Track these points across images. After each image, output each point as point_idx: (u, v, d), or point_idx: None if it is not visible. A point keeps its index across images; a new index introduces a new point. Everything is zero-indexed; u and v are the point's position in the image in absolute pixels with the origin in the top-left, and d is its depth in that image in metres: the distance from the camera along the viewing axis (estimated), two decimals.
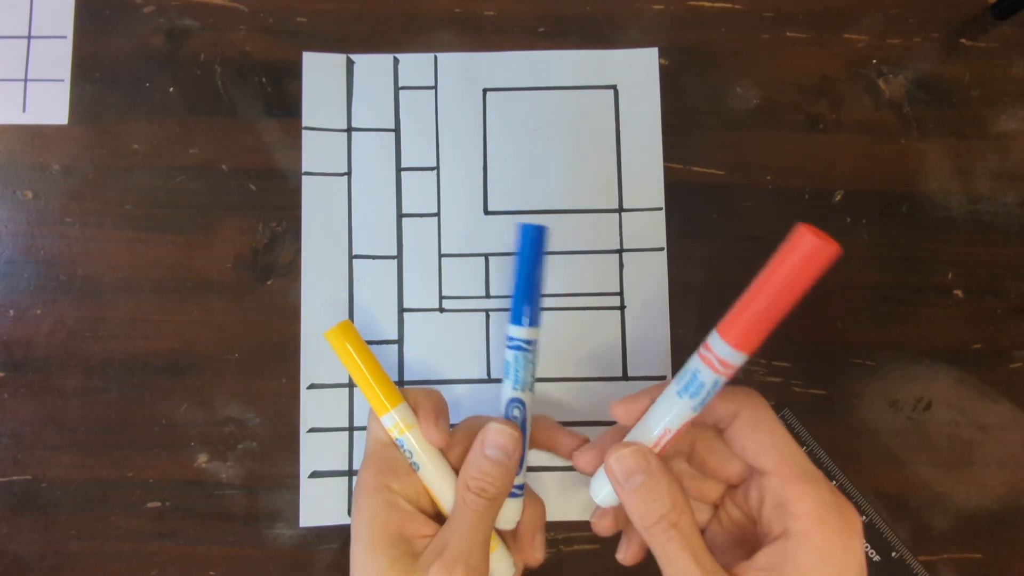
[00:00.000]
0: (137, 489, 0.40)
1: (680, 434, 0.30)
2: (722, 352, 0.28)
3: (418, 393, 0.35)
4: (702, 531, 0.31)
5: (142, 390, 0.40)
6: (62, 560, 0.39)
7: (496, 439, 0.32)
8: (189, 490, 0.40)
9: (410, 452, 0.33)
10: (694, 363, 0.29)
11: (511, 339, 0.33)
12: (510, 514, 0.34)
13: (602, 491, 0.32)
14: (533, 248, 0.33)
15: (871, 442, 0.40)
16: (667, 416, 0.30)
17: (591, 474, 0.33)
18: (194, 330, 0.41)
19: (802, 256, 0.25)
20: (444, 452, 0.34)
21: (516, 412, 0.33)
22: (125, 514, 0.40)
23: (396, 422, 0.33)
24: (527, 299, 0.33)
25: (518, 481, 0.33)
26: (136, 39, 0.42)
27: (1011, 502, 0.40)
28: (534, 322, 0.33)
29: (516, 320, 0.33)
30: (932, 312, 0.41)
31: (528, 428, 0.34)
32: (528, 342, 0.33)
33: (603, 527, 0.35)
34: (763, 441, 0.29)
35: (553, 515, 0.40)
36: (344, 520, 0.39)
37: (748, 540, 0.31)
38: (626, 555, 0.35)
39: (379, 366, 0.34)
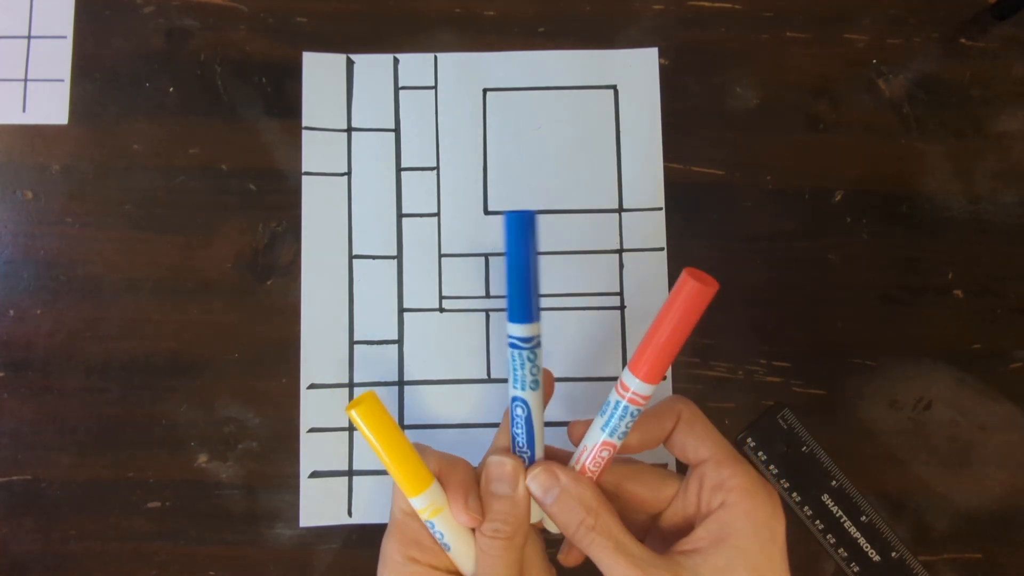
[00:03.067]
0: (137, 489, 0.40)
1: (599, 459, 0.32)
2: (634, 385, 0.30)
3: (444, 465, 0.33)
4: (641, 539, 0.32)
5: (142, 390, 0.40)
6: (62, 560, 0.39)
7: (495, 472, 0.32)
8: (189, 490, 0.40)
9: (441, 534, 0.32)
10: (611, 396, 0.31)
11: (509, 337, 0.32)
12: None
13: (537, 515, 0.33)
14: (521, 237, 0.29)
15: (871, 442, 0.40)
16: (588, 436, 0.32)
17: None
18: (194, 330, 0.41)
19: (686, 298, 0.29)
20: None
21: (520, 411, 0.32)
22: (125, 514, 0.40)
23: (426, 505, 0.31)
24: (519, 294, 0.30)
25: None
26: (136, 39, 0.42)
27: (1011, 502, 0.40)
28: (528, 318, 0.30)
29: (511, 317, 0.31)
30: (932, 312, 0.41)
31: (535, 427, 0.33)
32: (523, 339, 0.31)
33: (571, 559, 0.35)
34: (699, 434, 0.32)
35: None
36: (344, 520, 0.39)
37: (686, 532, 0.32)
38: (567, 557, 0.35)
39: (407, 444, 0.31)
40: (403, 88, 0.42)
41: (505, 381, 0.40)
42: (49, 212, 0.41)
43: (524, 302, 0.30)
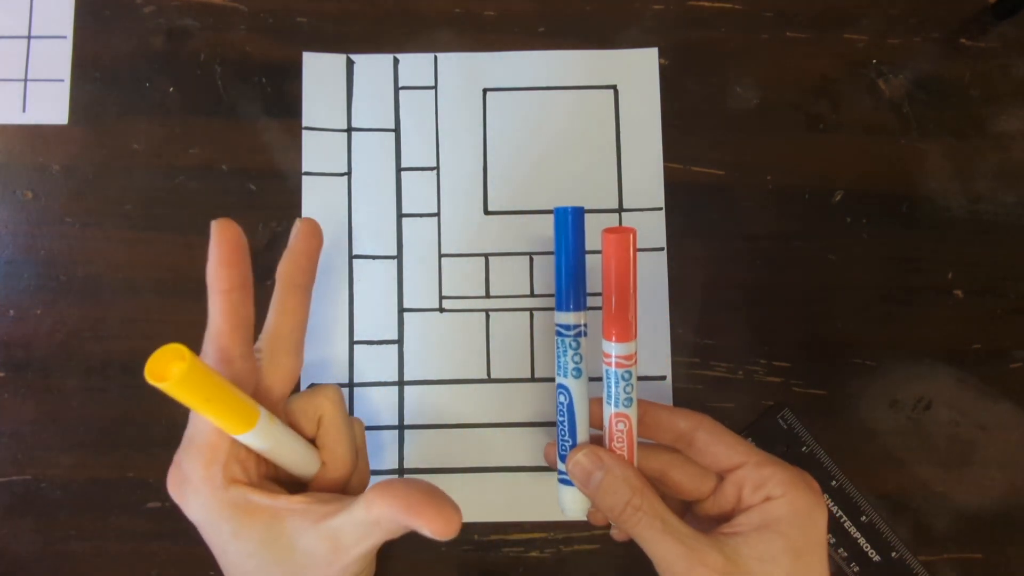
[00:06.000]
0: (137, 489, 0.40)
1: (621, 433, 0.33)
2: (613, 350, 0.32)
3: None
4: None
5: (142, 390, 0.40)
6: (62, 560, 0.39)
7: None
8: None
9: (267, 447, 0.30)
10: (604, 372, 0.33)
11: (557, 326, 0.34)
12: (569, 502, 0.35)
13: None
14: (570, 230, 0.33)
15: (871, 442, 0.40)
16: (605, 421, 0.33)
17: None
18: (194, 330, 0.40)
19: (613, 250, 0.32)
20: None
21: (562, 398, 0.34)
22: (125, 514, 0.40)
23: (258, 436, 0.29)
24: (565, 282, 0.33)
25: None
26: (136, 39, 0.42)
27: (1011, 502, 0.40)
28: (572, 306, 0.33)
29: (558, 306, 0.34)
30: (932, 312, 0.41)
31: (578, 415, 0.34)
32: (567, 326, 0.33)
33: (598, 519, 0.36)
34: (729, 442, 0.33)
35: (553, 515, 0.40)
36: None
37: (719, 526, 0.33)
38: (620, 532, 0.36)
39: (222, 384, 0.28)
40: (403, 88, 0.42)
41: (505, 381, 0.40)
42: (49, 212, 0.41)
43: (569, 290, 0.33)
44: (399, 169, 0.42)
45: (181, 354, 0.26)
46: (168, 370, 0.26)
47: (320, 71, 0.42)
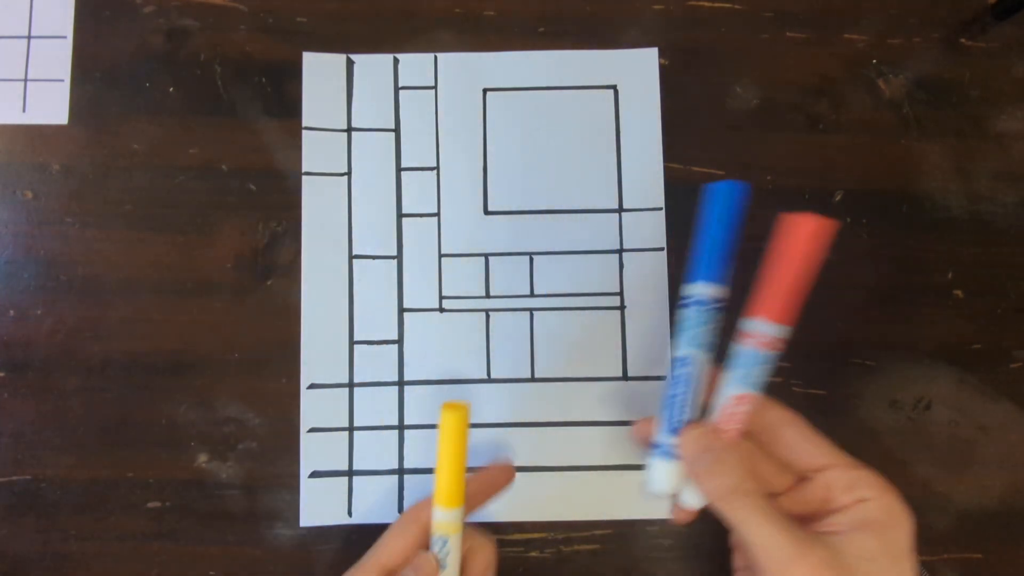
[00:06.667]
0: (137, 489, 0.40)
1: (738, 415, 0.32)
2: (764, 330, 0.32)
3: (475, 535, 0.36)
4: None
5: (142, 390, 0.40)
6: (62, 560, 0.39)
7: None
8: (189, 490, 0.40)
9: (448, 551, 0.34)
10: (738, 349, 0.32)
11: (688, 297, 0.33)
12: (664, 477, 0.34)
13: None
14: (729, 205, 0.33)
15: (871, 442, 0.40)
16: (718, 397, 0.33)
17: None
18: (194, 330, 0.41)
19: (806, 235, 0.31)
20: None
21: (683, 370, 0.33)
22: (125, 514, 0.40)
23: (450, 522, 0.34)
24: (716, 252, 0.33)
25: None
26: (136, 39, 0.42)
27: (1011, 502, 0.40)
28: (721, 279, 0.33)
29: (700, 276, 0.33)
30: (932, 312, 0.41)
31: (693, 385, 0.33)
32: (709, 299, 0.33)
33: (679, 517, 0.35)
34: (817, 442, 0.33)
35: (553, 515, 0.40)
36: (344, 520, 0.39)
37: (805, 522, 0.33)
38: (680, 513, 0.35)
39: (464, 463, 0.34)
40: (403, 88, 0.42)
41: (505, 381, 0.40)
42: (49, 212, 0.41)
43: (719, 261, 0.33)
44: (399, 169, 0.42)
45: (465, 409, 0.34)
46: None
47: (320, 71, 0.42)
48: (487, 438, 0.40)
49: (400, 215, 0.42)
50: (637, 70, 0.42)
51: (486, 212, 0.42)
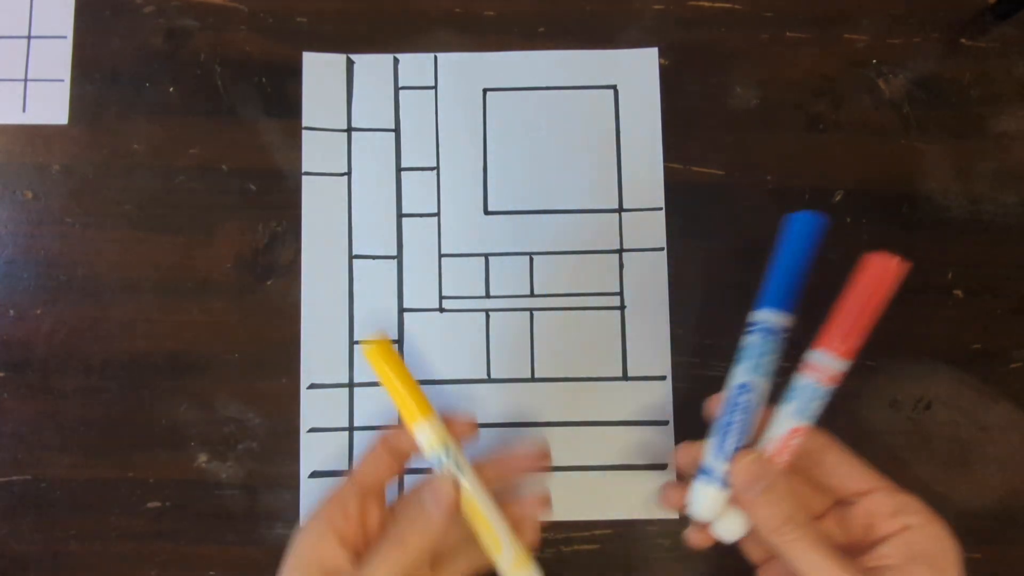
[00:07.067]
0: (137, 489, 0.40)
1: (789, 448, 0.32)
2: (829, 363, 0.32)
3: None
4: None
5: (142, 390, 0.40)
6: (62, 560, 0.39)
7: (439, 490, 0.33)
8: (189, 490, 0.40)
9: (452, 463, 0.33)
10: (799, 380, 0.33)
11: (757, 323, 0.33)
12: (709, 502, 0.33)
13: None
14: (806, 236, 0.33)
15: (871, 442, 0.40)
16: (773, 428, 0.33)
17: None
18: (194, 330, 0.41)
19: (880, 273, 0.32)
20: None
21: (744, 398, 0.33)
22: (125, 514, 0.40)
23: (438, 431, 0.34)
24: (788, 282, 0.33)
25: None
26: (136, 39, 0.42)
27: (1011, 502, 0.40)
28: (790, 308, 0.33)
29: (770, 303, 0.33)
30: (932, 312, 0.41)
31: (752, 414, 0.33)
32: (778, 328, 0.33)
33: (698, 540, 0.35)
34: (858, 467, 0.33)
35: (553, 515, 0.40)
36: None
37: (849, 550, 0.32)
38: (697, 537, 0.35)
39: (414, 382, 0.35)
40: (403, 88, 0.42)
41: (505, 381, 0.40)
42: (49, 212, 0.41)
43: (790, 291, 0.33)
44: (399, 169, 0.42)
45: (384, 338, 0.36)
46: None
47: (320, 71, 0.42)
48: (487, 438, 0.40)
49: (400, 215, 0.42)
50: (637, 70, 0.42)
51: (486, 212, 0.42)
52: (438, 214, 0.42)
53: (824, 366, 0.32)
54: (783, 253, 0.33)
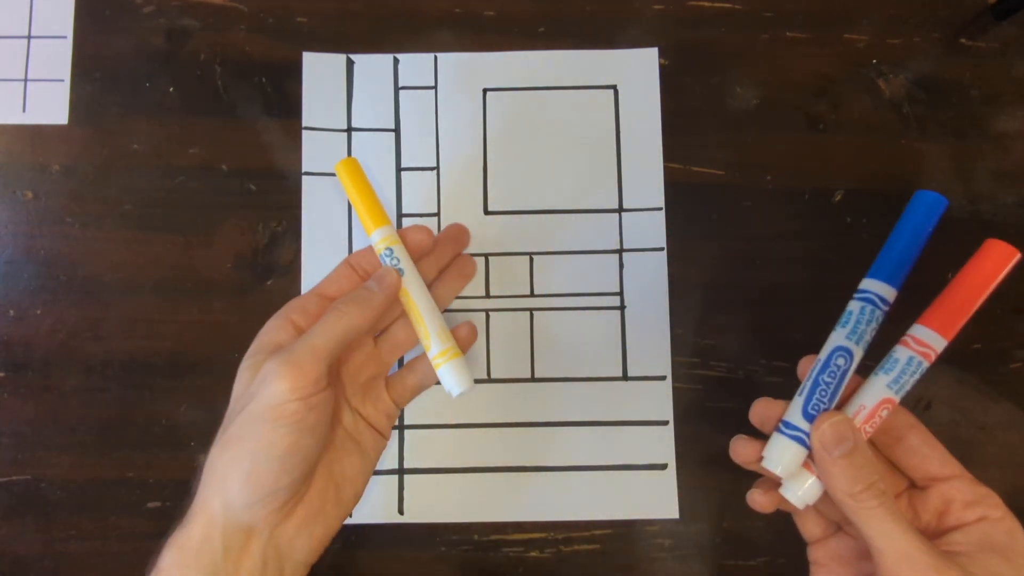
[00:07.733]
0: (137, 489, 0.40)
1: (876, 419, 0.32)
2: (929, 339, 0.32)
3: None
4: None
5: (142, 390, 0.40)
6: (62, 560, 0.39)
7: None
8: (189, 490, 0.40)
9: (397, 260, 0.36)
10: (897, 352, 0.33)
11: (865, 291, 0.34)
12: (784, 457, 0.32)
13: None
14: (927, 215, 0.34)
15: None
16: (864, 396, 0.33)
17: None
18: (194, 330, 0.41)
19: (996, 258, 0.32)
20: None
21: (840, 362, 0.33)
22: (125, 514, 0.40)
23: (388, 235, 0.36)
24: (901, 257, 0.33)
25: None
26: (136, 39, 0.42)
27: (1011, 502, 0.40)
28: (898, 283, 0.33)
29: (881, 275, 0.34)
30: None
31: (845, 379, 0.33)
32: (884, 300, 0.33)
33: (763, 503, 0.34)
34: (941, 451, 0.33)
35: (553, 515, 0.40)
36: (345, 521, 0.39)
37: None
38: (764, 498, 0.34)
39: (374, 193, 0.37)
40: (403, 88, 0.42)
41: (505, 381, 0.40)
42: (49, 212, 0.41)
43: (901, 266, 0.33)
44: (399, 169, 0.42)
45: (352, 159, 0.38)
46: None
47: (320, 71, 0.42)
48: (488, 438, 0.40)
49: (400, 215, 0.42)
50: (637, 70, 0.42)
51: (486, 212, 0.42)
52: (438, 214, 0.42)
53: (929, 342, 0.32)
54: (903, 228, 0.34)
